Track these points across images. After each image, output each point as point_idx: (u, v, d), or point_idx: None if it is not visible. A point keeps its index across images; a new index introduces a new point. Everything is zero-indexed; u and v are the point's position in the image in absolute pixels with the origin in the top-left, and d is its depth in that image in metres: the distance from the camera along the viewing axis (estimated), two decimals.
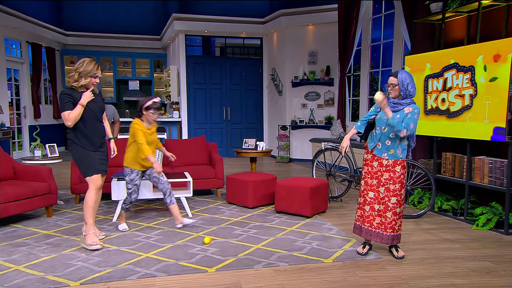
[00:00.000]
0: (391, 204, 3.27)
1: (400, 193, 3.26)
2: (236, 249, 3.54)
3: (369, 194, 3.36)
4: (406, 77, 3.19)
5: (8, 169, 4.67)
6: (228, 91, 10.48)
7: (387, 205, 3.28)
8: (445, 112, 4.52)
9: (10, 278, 2.93)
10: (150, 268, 3.10)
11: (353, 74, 8.69)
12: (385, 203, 3.29)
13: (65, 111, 3.46)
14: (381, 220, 3.32)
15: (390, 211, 3.27)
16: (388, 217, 3.28)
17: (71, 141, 3.58)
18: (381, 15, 7.71)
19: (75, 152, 3.59)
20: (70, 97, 3.48)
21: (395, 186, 3.25)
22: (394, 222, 3.29)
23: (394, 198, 3.25)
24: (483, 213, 4.22)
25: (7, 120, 8.93)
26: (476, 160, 4.28)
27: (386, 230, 3.30)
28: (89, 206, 3.57)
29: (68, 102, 3.46)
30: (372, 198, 3.35)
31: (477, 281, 2.93)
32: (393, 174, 3.25)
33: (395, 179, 3.25)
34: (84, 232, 3.59)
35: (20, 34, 9.70)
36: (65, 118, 3.46)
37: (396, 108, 3.22)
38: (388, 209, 3.28)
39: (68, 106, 3.46)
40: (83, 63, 3.51)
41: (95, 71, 3.53)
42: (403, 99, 3.22)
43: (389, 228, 3.29)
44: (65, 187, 6.02)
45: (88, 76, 3.52)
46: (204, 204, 5.25)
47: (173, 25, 9.92)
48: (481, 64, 4.05)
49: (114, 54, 12.15)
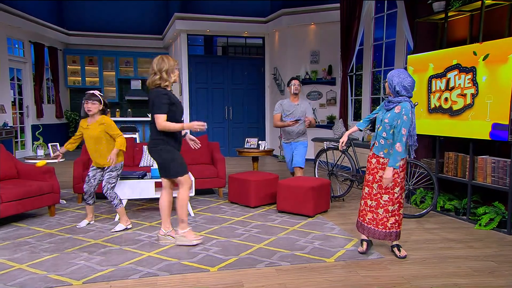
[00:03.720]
0: (382, 201, 3.30)
1: (393, 192, 3.26)
2: (238, 248, 3.54)
3: (365, 189, 3.44)
4: (394, 76, 3.21)
5: (11, 169, 4.68)
6: (230, 90, 10.48)
7: (379, 202, 3.32)
8: (448, 110, 4.51)
9: (13, 277, 2.94)
10: (152, 267, 3.11)
11: (355, 73, 8.67)
12: (377, 199, 3.32)
13: (162, 114, 3.38)
14: (373, 216, 3.36)
15: (381, 208, 3.31)
16: (380, 213, 3.32)
17: (163, 142, 3.48)
18: (383, 14, 7.69)
19: (166, 153, 3.49)
20: (169, 99, 3.44)
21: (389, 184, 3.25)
22: (386, 219, 3.30)
23: (386, 196, 3.28)
24: (486, 212, 4.21)
25: (10, 119, 8.96)
26: (479, 160, 4.27)
27: (377, 226, 3.34)
28: (185, 204, 3.59)
29: (166, 104, 3.41)
30: (366, 194, 3.41)
31: (480, 281, 2.92)
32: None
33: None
34: (180, 230, 3.60)
35: (22, 33, 9.73)
36: (160, 120, 3.38)
37: (389, 106, 3.24)
38: (380, 206, 3.32)
39: (165, 108, 3.40)
40: (163, 61, 3.47)
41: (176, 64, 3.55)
42: (394, 97, 3.23)
43: (381, 225, 3.32)
44: (67, 186, 6.04)
45: (175, 70, 3.53)
46: (206, 204, 5.25)
47: (175, 25, 9.93)
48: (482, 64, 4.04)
49: (116, 53, 12.18)
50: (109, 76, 12.29)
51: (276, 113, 5.27)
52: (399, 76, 3.19)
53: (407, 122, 3.10)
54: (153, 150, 3.52)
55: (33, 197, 4.30)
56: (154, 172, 4.57)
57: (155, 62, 3.51)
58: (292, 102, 5.23)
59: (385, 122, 3.24)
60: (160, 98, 3.41)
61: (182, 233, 3.60)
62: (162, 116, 3.39)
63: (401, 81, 3.17)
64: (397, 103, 3.18)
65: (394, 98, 3.21)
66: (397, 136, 3.13)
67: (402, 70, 3.29)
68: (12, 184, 4.31)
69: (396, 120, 3.15)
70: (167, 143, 3.50)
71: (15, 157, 5.05)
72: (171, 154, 3.51)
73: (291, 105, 5.20)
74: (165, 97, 3.42)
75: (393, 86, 3.21)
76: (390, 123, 3.20)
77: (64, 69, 11.86)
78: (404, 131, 3.10)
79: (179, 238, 3.62)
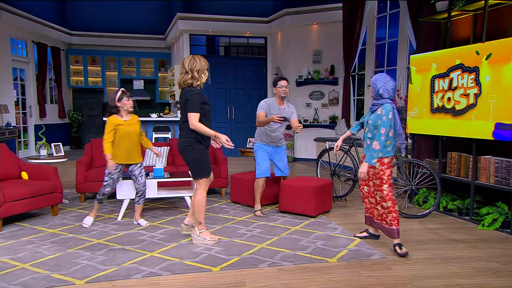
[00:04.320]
0: (378, 197, 3.52)
1: (382, 189, 3.45)
2: (240, 248, 3.54)
3: (364, 189, 3.70)
4: (378, 80, 3.45)
5: (14, 168, 4.70)
6: (232, 90, 10.49)
7: (376, 199, 3.56)
8: (451, 110, 4.49)
9: (17, 276, 2.95)
10: (155, 267, 3.11)
11: (357, 73, 8.66)
12: (374, 196, 3.58)
13: (195, 113, 3.41)
14: (378, 212, 3.59)
15: (379, 204, 3.54)
16: (379, 209, 3.56)
17: (196, 141, 3.49)
18: (386, 14, 7.67)
19: (197, 152, 3.51)
20: (202, 98, 3.46)
21: (377, 181, 3.49)
22: (385, 216, 3.49)
23: (379, 193, 3.50)
24: (489, 213, 4.20)
25: (13, 119, 8.98)
26: (482, 160, 4.26)
27: (382, 221, 3.56)
28: (203, 207, 3.60)
29: (199, 103, 3.43)
30: (366, 192, 3.68)
31: (483, 281, 2.91)
32: (375, 171, 3.48)
33: (376, 175, 3.48)
34: (198, 231, 3.64)
35: (26, 34, 9.76)
36: (194, 119, 3.40)
37: (373, 108, 3.49)
38: (377, 202, 3.56)
39: (198, 108, 3.42)
40: (195, 60, 3.47)
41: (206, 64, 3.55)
42: (377, 100, 3.45)
43: (383, 220, 3.53)
44: (70, 186, 6.05)
45: (205, 71, 3.53)
46: (208, 203, 5.25)
47: (177, 25, 9.94)
48: (485, 63, 4.03)
49: (118, 53, 12.21)
50: (112, 76, 12.32)
51: (261, 111, 4.58)
52: (382, 80, 3.43)
53: (386, 122, 3.33)
54: (187, 148, 3.51)
55: (36, 197, 4.31)
56: (156, 172, 4.58)
57: (186, 61, 3.50)
58: (279, 105, 4.65)
59: (369, 123, 3.50)
60: (194, 97, 3.43)
61: (198, 234, 3.64)
62: (195, 115, 3.42)
63: (384, 84, 3.41)
64: (379, 105, 3.42)
65: (378, 101, 3.44)
66: (376, 135, 3.37)
67: (385, 74, 3.54)
68: (15, 184, 4.33)
69: (378, 121, 3.38)
70: (201, 142, 3.52)
71: (18, 157, 5.06)
72: (203, 154, 3.54)
73: (277, 108, 4.62)
74: (198, 96, 3.45)
75: (376, 90, 3.44)
76: (373, 123, 3.44)
77: (66, 69, 11.89)
78: (383, 130, 3.33)
79: (195, 237, 3.65)
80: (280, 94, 4.58)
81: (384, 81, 3.41)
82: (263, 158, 4.66)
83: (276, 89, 4.61)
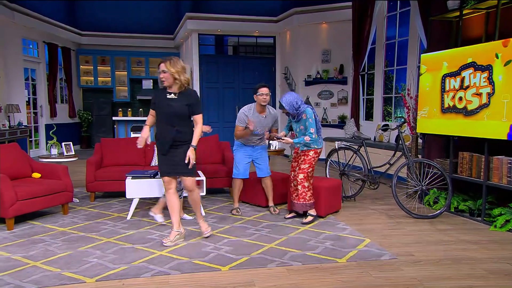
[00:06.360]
0: (299, 179, 4.25)
1: (307, 171, 4.24)
2: (249, 248, 3.54)
3: (291, 174, 4.42)
4: (288, 100, 4.16)
5: (26, 167, 4.76)
6: (240, 90, 10.49)
7: (297, 181, 4.27)
8: (462, 110, 4.43)
9: (28, 274, 2.98)
10: (164, 266, 3.12)
11: (367, 72, 8.60)
12: (296, 179, 4.29)
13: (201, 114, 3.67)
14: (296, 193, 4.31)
15: (299, 184, 4.24)
16: (299, 189, 4.26)
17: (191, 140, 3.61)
18: (396, 13, 7.61)
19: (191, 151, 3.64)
20: None
21: (304, 165, 4.23)
22: (305, 194, 4.24)
23: (301, 175, 4.22)
24: (502, 214, 4.13)
25: (24, 119, 9.10)
26: (494, 160, 4.20)
27: (299, 200, 4.27)
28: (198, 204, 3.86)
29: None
30: (292, 177, 4.40)
31: (495, 283, 2.86)
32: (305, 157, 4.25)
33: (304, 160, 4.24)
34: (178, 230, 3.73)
35: (37, 34, 9.88)
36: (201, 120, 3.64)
37: (298, 118, 4.23)
38: (298, 183, 4.25)
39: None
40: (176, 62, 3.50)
41: None
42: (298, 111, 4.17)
43: (301, 198, 4.26)
44: (80, 185, 6.10)
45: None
46: (217, 203, 5.26)
47: (186, 24, 9.97)
48: (498, 62, 3.97)
49: (128, 53, 12.29)
50: (121, 76, 12.41)
51: (239, 124, 4.53)
52: (290, 96, 4.19)
53: (312, 123, 4.14)
54: (185, 145, 3.57)
55: (47, 196, 4.36)
56: None
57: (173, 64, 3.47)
58: (259, 114, 4.52)
59: (300, 129, 4.27)
60: (198, 99, 3.67)
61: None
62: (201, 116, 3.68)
63: (295, 98, 4.18)
64: (302, 112, 4.18)
65: (299, 111, 4.17)
66: (307, 133, 4.15)
67: (289, 92, 4.34)
68: (27, 183, 4.38)
69: (306, 123, 4.16)
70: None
71: (29, 156, 5.12)
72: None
73: (257, 117, 4.51)
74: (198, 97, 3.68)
75: (293, 106, 4.15)
76: (304, 127, 4.20)
77: (77, 69, 12.01)
78: (312, 130, 4.13)
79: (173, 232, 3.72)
80: (260, 102, 4.45)
81: (293, 96, 4.18)
82: (241, 159, 4.65)
83: (256, 97, 4.47)
